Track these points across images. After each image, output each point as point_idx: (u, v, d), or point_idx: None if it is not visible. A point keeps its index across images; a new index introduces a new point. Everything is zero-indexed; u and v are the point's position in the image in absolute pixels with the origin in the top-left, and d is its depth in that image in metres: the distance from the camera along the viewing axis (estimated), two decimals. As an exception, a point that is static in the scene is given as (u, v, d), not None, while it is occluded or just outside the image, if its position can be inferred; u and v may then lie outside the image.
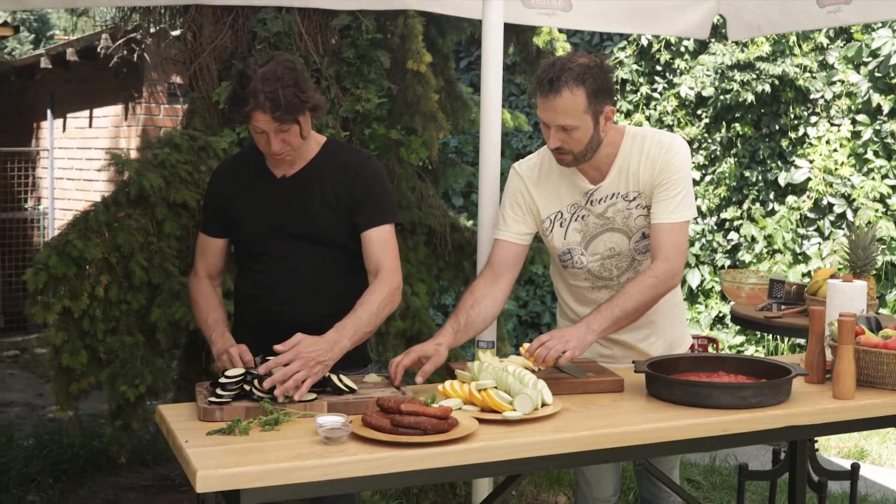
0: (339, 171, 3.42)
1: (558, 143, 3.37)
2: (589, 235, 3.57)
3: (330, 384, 3.07)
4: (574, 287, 3.70)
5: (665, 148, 3.48)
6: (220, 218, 3.49)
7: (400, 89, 5.64)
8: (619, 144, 3.53)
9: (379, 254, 3.36)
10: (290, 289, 3.40)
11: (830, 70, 8.68)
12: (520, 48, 6.50)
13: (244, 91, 3.17)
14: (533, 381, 3.02)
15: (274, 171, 3.43)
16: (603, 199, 3.54)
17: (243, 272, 3.52)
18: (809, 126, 8.87)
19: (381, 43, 5.45)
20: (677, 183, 3.46)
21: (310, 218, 3.38)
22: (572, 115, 3.31)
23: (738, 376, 3.31)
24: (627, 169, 3.51)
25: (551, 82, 3.30)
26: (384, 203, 3.44)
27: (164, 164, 4.68)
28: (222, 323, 3.41)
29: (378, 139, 5.37)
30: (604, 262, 3.59)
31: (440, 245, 6.02)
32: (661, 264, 3.42)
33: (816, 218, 8.73)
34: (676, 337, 3.79)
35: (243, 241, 3.46)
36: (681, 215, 3.45)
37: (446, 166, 6.96)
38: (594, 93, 3.32)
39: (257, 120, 3.19)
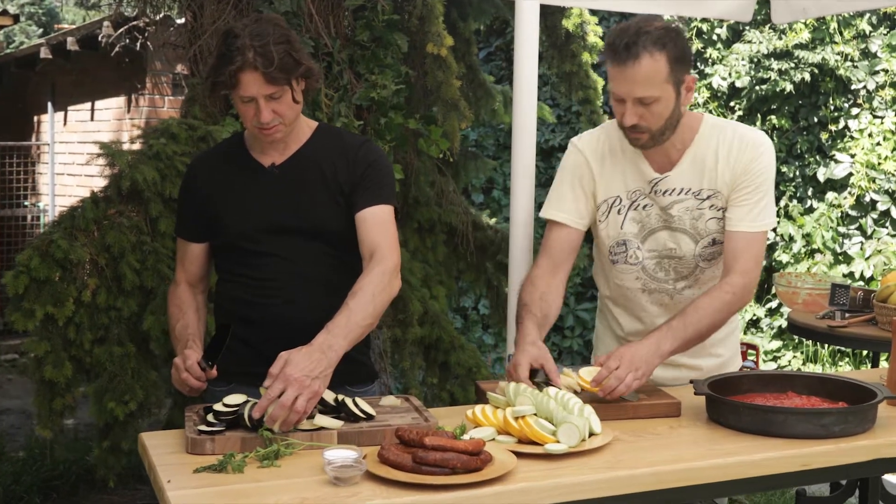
0: (336, 154, 3.06)
1: (635, 118, 2.99)
2: (648, 229, 3.20)
3: (344, 409, 2.67)
4: (621, 290, 3.31)
5: (750, 145, 3.11)
6: (200, 219, 3.10)
7: (419, 75, 5.33)
8: (695, 131, 3.15)
9: (374, 235, 2.98)
10: (290, 291, 3.02)
11: (873, 59, 8.24)
12: (548, 32, 6.08)
13: (230, 49, 2.80)
14: (579, 406, 2.60)
15: (260, 160, 3.05)
16: (669, 192, 3.16)
17: (229, 278, 3.11)
18: (851, 118, 8.45)
19: (398, 25, 5.10)
20: (761, 187, 3.11)
21: (307, 209, 3.02)
22: (653, 85, 2.93)
23: (811, 398, 2.92)
24: (703, 162, 3.13)
25: (628, 47, 2.91)
26: (384, 184, 3.07)
27: (159, 155, 4.36)
28: (191, 333, 2.99)
29: (395, 129, 5.02)
30: (661, 261, 3.22)
31: (461, 244, 5.78)
32: (739, 278, 3.05)
33: (858, 216, 8.31)
34: (728, 357, 3.41)
35: (229, 242, 3.05)
36: (762, 223, 3.10)
37: (467, 160, 6.64)
38: (676, 58, 2.94)
39: (246, 82, 2.82)
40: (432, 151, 5.19)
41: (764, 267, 8.94)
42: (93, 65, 10.66)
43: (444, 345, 5.32)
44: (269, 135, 2.94)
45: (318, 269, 3.04)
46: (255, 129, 2.94)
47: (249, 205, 3.03)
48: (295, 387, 2.55)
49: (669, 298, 3.23)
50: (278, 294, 3.01)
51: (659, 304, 3.25)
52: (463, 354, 5.41)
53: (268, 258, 3.02)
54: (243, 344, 3.01)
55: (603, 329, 3.46)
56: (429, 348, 5.33)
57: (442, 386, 5.34)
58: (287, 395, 2.54)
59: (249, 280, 3.04)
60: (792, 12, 5.39)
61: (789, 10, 5.35)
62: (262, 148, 3.04)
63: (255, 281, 3.03)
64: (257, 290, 3.03)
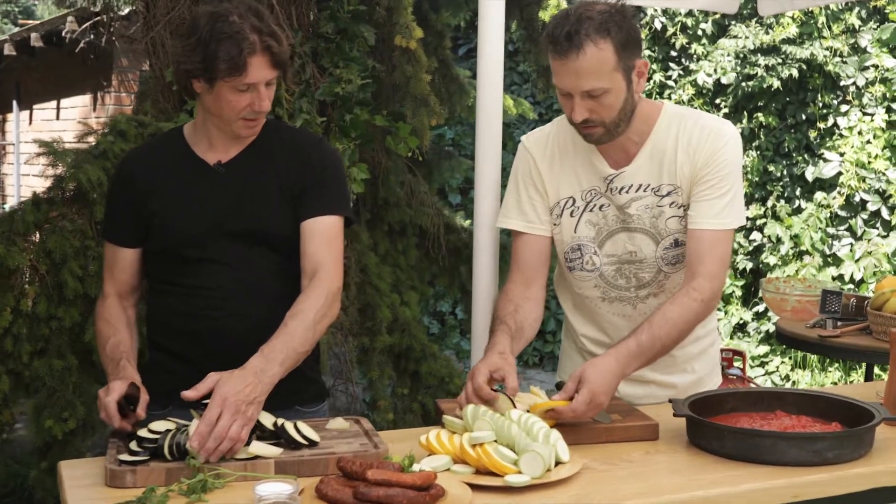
0: (288, 152, 2.84)
1: (585, 113, 2.74)
2: (606, 231, 2.95)
3: (284, 435, 2.41)
4: (580, 298, 3.07)
5: (713, 134, 2.85)
6: (134, 222, 2.82)
7: (386, 69, 5.11)
8: (653, 122, 2.90)
9: (320, 250, 2.76)
10: (237, 303, 2.76)
11: (863, 54, 8.00)
12: (524, 24, 5.83)
13: (231, 33, 2.58)
14: (545, 432, 2.34)
15: (205, 157, 2.81)
16: (626, 189, 2.91)
17: (164, 288, 2.84)
18: (840, 115, 8.22)
19: (364, 16, 4.88)
20: (726, 180, 2.83)
21: (256, 212, 2.77)
22: (600, 76, 2.69)
23: (802, 418, 2.67)
24: (662, 155, 2.88)
25: (569, 37, 2.66)
26: (336, 192, 2.85)
27: (106, 154, 4.13)
28: (124, 351, 2.72)
29: (360, 126, 4.79)
30: (620, 266, 2.97)
31: (433, 248, 5.58)
32: (706, 282, 2.79)
33: (848, 216, 8.07)
34: (705, 374, 3.15)
35: (167, 247, 2.78)
36: (728, 221, 2.83)
37: (441, 159, 6.44)
38: (623, 44, 2.70)
39: (254, 66, 2.62)
40: (401, 150, 4.95)
41: (751, 270, 8.73)
42: (58, 62, 10.45)
43: (416, 353, 5.15)
44: (253, 127, 2.74)
45: (264, 279, 2.79)
46: (237, 123, 2.72)
47: (192, 206, 2.77)
48: (230, 411, 2.34)
49: (632, 308, 2.99)
50: (223, 306, 2.75)
51: (621, 315, 3.01)
52: (435, 363, 5.21)
53: (211, 266, 2.76)
54: (182, 361, 2.75)
55: (567, 343, 3.22)
56: (399, 357, 5.15)
57: (413, 397, 5.14)
58: (223, 421, 2.32)
59: (190, 290, 2.78)
60: (779, 4, 5.20)
61: (776, 2, 5.15)
62: (208, 144, 2.80)
63: (197, 291, 2.77)
64: (199, 302, 2.77)
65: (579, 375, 2.60)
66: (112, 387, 2.52)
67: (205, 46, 2.61)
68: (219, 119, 2.73)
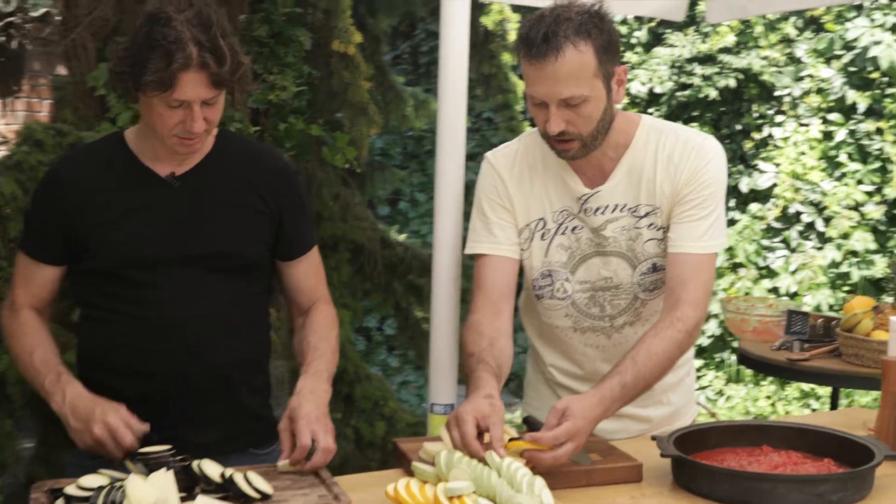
0: (249, 167, 2.58)
1: (562, 124, 2.50)
2: (579, 256, 2.71)
3: (232, 488, 2.14)
4: (550, 329, 2.83)
5: (695, 150, 2.62)
6: (62, 238, 2.50)
7: (323, 76, 4.89)
8: (630, 137, 2.67)
9: (317, 285, 2.70)
10: (192, 335, 2.48)
11: (798, 64, 7.94)
12: (467, 29, 5.63)
13: (166, 40, 2.26)
14: (528, 480, 2.09)
15: (154, 168, 2.50)
16: (602, 210, 2.68)
17: (102, 316, 2.53)
18: (775, 126, 8.15)
19: (300, 19, 4.68)
20: (710, 199, 2.61)
21: (215, 232, 2.50)
22: (580, 82, 2.45)
23: (791, 454, 2.47)
24: (640, 172, 2.65)
25: (547, 39, 2.43)
26: (310, 217, 2.73)
27: (20, 165, 3.80)
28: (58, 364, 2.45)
29: (296, 136, 4.57)
30: (594, 294, 2.73)
31: (368, 264, 5.38)
32: (690, 311, 2.55)
33: (783, 228, 8.00)
34: (682, 405, 2.94)
35: (109, 270, 2.48)
36: (712, 243, 2.61)
37: (373, 170, 6.22)
38: (604, 47, 2.46)
39: (185, 84, 2.30)
40: (337, 161, 4.72)
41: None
42: (-36, 66, 9.94)
43: (349, 376, 5.00)
44: (190, 146, 2.42)
45: (222, 307, 2.51)
46: (171, 139, 2.40)
47: (141, 223, 2.46)
48: (321, 426, 2.33)
49: (606, 338, 2.76)
50: (177, 338, 2.46)
51: (595, 346, 2.78)
52: (369, 386, 5.03)
53: (162, 292, 2.46)
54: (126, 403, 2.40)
55: (534, 374, 2.98)
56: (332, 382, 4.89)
57: (346, 422, 4.98)
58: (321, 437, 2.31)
59: (135, 320, 2.47)
60: (730, 11, 5.01)
61: (727, 9, 4.97)
62: (157, 153, 2.49)
63: (143, 322, 2.46)
64: (147, 334, 2.46)
65: (562, 409, 2.36)
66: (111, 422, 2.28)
67: (137, 50, 2.31)
68: (153, 131, 2.43)
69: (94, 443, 2.27)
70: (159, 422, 2.35)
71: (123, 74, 2.35)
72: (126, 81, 2.35)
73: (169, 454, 2.16)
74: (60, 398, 2.34)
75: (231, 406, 2.54)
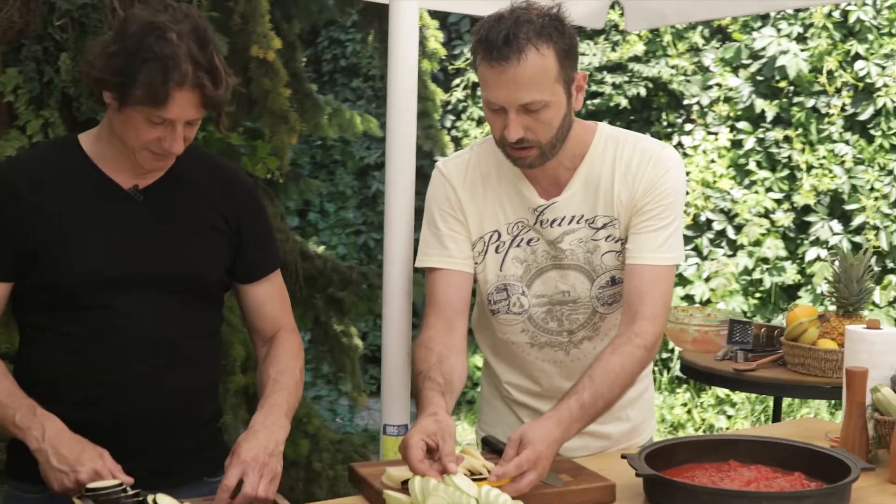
0: (216, 181, 2.42)
1: (521, 131, 2.40)
2: (535, 269, 2.61)
3: None
4: (506, 344, 2.72)
5: (653, 159, 2.54)
6: (8, 250, 2.28)
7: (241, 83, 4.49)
8: (587, 145, 2.58)
9: (280, 312, 2.53)
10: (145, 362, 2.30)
11: (706, 73, 7.94)
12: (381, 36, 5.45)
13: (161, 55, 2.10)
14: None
15: (115, 179, 2.32)
16: (558, 221, 2.58)
17: (46, 339, 2.32)
18: (684, 135, 8.11)
19: (218, 24, 4.29)
20: (668, 210, 2.53)
21: (180, 251, 2.34)
22: (541, 87, 2.35)
23: (760, 468, 2.40)
24: (597, 182, 2.55)
25: (508, 42, 2.32)
26: (273, 238, 2.56)
27: None
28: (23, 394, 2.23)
29: (215, 145, 4.27)
30: (552, 308, 2.63)
31: (289, 277, 5.08)
32: (649, 325, 2.47)
33: (694, 236, 7.95)
34: (641, 421, 2.86)
35: (55, 287, 2.28)
36: (670, 255, 2.53)
37: (288, 180, 5.99)
38: (565, 51, 2.38)
39: (177, 102, 2.14)
40: (259, 171, 4.46)
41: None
42: None
43: None
44: (161, 164, 2.27)
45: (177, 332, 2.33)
46: (142, 153, 2.23)
47: (97, 240, 2.27)
48: (255, 468, 2.11)
49: (565, 354, 2.66)
50: (127, 364, 2.28)
51: (552, 362, 2.68)
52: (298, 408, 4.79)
53: (115, 315, 2.27)
54: None
55: (489, 391, 2.85)
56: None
57: None
58: (249, 479, 2.09)
59: (82, 345, 2.27)
60: (647, 19, 4.95)
61: (644, 18, 4.90)
62: (120, 164, 2.30)
63: (92, 347, 2.27)
64: (95, 359, 2.27)
65: (519, 437, 2.24)
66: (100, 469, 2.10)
67: (128, 59, 2.13)
68: (121, 143, 2.25)
69: (74, 485, 2.07)
70: None
71: (107, 82, 2.16)
72: (109, 89, 2.17)
73: (120, 489, 1.99)
74: (39, 434, 2.13)
75: (182, 435, 2.36)
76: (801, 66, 7.28)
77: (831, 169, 7.37)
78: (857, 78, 7.25)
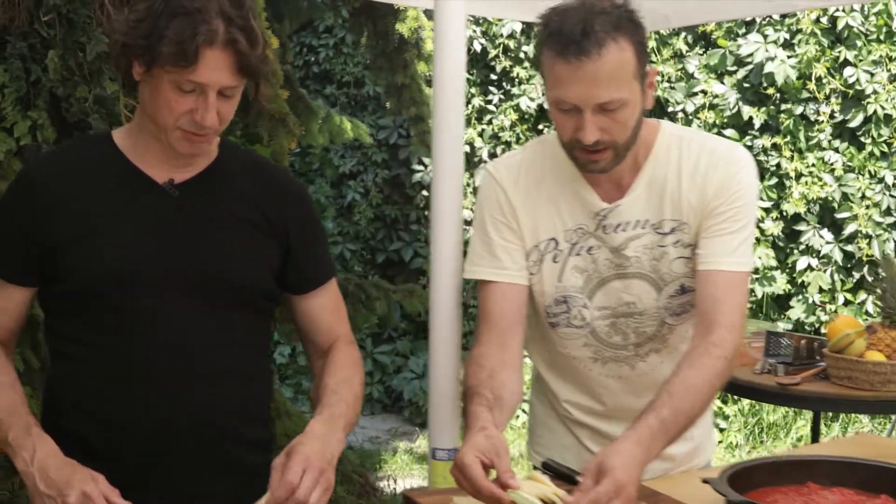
0: (262, 182, 2.22)
1: (597, 133, 2.21)
2: (597, 279, 2.42)
3: None
4: (564, 359, 2.54)
5: (724, 158, 2.37)
6: (35, 254, 2.09)
7: None
8: (650, 145, 2.40)
9: (335, 323, 2.35)
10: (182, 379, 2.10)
11: (691, 79, 7.81)
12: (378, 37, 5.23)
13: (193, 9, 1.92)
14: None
15: (150, 174, 2.12)
16: (622, 227, 2.40)
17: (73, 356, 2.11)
18: (668, 142, 7.95)
19: None
20: (742, 212, 2.36)
21: (221, 252, 2.13)
22: (620, 84, 2.18)
23: (843, 491, 2.23)
24: (663, 184, 2.38)
25: (586, 34, 2.14)
26: (326, 245, 2.39)
27: None
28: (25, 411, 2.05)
29: None
30: (616, 320, 2.45)
31: None
32: (728, 335, 2.28)
33: (681, 245, 7.81)
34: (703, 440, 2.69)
35: (84, 290, 2.07)
36: (745, 261, 2.36)
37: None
38: (641, 45, 2.22)
39: (209, 63, 1.94)
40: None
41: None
42: None
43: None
44: (196, 144, 2.05)
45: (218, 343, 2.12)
46: (174, 133, 2.02)
47: (127, 236, 2.07)
48: (314, 472, 1.94)
49: (630, 369, 2.48)
50: (162, 383, 2.07)
51: (617, 377, 2.50)
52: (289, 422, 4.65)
53: (148, 323, 2.06)
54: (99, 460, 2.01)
55: (545, 412, 2.66)
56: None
57: None
58: (306, 482, 1.92)
59: (110, 356, 2.07)
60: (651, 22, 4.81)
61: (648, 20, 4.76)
62: (154, 155, 2.10)
63: (122, 357, 2.06)
64: (123, 372, 2.06)
65: (597, 465, 2.05)
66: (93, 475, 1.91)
67: (154, 19, 1.95)
68: (153, 124, 2.04)
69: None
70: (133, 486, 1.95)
71: (135, 45, 1.97)
72: (137, 55, 1.98)
73: None
74: (29, 456, 1.93)
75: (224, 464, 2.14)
76: (789, 73, 7.17)
77: (821, 177, 7.26)
78: (846, 85, 7.15)
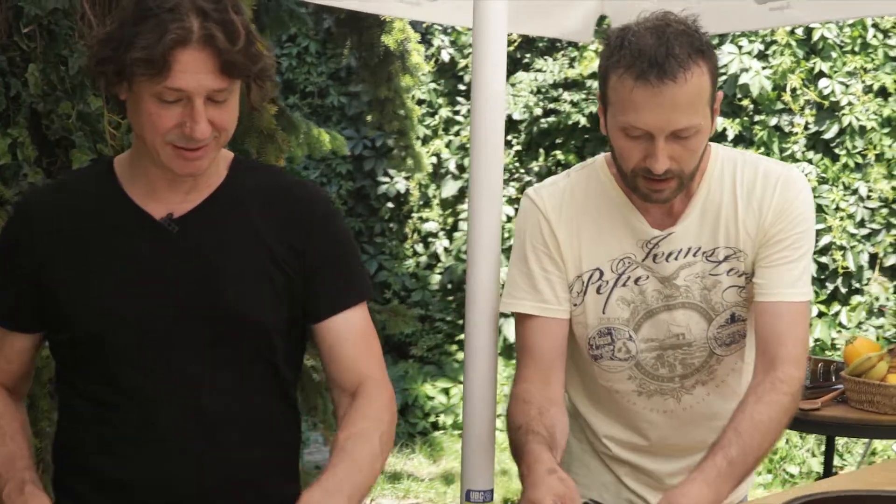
0: (278, 201, 1.99)
1: (667, 162, 2.07)
2: (644, 310, 2.29)
3: None
4: (606, 392, 2.40)
5: (781, 182, 2.24)
6: (31, 297, 1.93)
7: None
8: (703, 169, 2.26)
9: (360, 357, 2.01)
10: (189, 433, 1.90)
11: (663, 90, 7.72)
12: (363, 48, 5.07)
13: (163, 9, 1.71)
14: None
15: (147, 209, 1.92)
16: (675, 255, 2.27)
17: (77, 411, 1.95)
18: (641, 153, 7.87)
19: None
20: (802, 239, 2.24)
21: (225, 291, 1.91)
22: (697, 109, 2.04)
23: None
24: (717, 210, 2.25)
25: (669, 56, 1.99)
26: (357, 266, 2.06)
27: None
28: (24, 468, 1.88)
29: None
30: (663, 352, 2.32)
31: None
32: (793, 370, 2.17)
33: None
34: None
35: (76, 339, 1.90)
36: (806, 290, 2.24)
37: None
38: (716, 69, 2.09)
39: (185, 65, 1.72)
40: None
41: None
42: None
43: None
44: (191, 161, 1.82)
45: (235, 393, 1.92)
46: (165, 150, 1.81)
47: (119, 280, 1.88)
48: None
49: (676, 402, 2.36)
50: (169, 437, 1.88)
51: (662, 412, 2.37)
52: None
53: (151, 374, 1.88)
54: None
55: (581, 448, 2.52)
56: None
57: None
58: None
59: (114, 410, 1.89)
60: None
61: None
62: (149, 188, 1.91)
63: (126, 412, 1.88)
64: (129, 428, 1.88)
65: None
66: None
67: (123, 28, 1.75)
68: (145, 145, 1.84)
69: None
70: None
71: (106, 58, 1.76)
72: (108, 68, 1.77)
73: None
74: None
75: None
76: (763, 84, 7.12)
77: (795, 189, 7.21)
78: (820, 96, 7.12)
